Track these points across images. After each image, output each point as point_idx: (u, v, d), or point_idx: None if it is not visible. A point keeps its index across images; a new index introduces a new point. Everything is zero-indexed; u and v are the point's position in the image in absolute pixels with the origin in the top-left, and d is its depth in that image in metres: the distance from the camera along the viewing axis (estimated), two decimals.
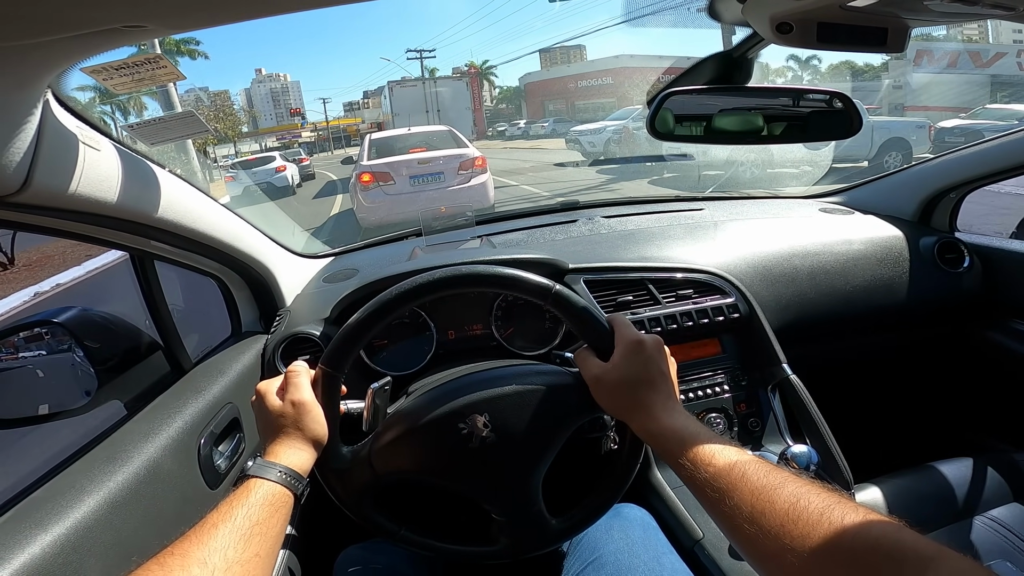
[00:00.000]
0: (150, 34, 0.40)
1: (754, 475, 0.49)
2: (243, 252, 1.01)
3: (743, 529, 0.46)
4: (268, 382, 0.66)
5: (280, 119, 78.84)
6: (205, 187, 0.90)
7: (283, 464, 0.57)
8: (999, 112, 11.10)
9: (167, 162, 0.78)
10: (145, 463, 0.71)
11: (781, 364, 1.04)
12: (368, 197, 6.31)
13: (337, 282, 1.26)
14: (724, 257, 1.21)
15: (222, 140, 33.12)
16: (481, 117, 40.21)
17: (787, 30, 0.56)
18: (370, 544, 0.84)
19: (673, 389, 0.63)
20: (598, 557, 0.75)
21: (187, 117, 0.73)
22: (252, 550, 0.48)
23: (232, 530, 0.48)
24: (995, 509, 0.93)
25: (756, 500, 0.46)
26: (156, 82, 0.58)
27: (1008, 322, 1.30)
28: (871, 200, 1.52)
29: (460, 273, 0.65)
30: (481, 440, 0.64)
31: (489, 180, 6.58)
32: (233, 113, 36.85)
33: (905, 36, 0.56)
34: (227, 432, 0.90)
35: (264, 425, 0.63)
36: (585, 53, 61.25)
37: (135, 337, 0.98)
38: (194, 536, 0.47)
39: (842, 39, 0.55)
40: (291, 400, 0.62)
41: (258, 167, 13.74)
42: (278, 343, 1.05)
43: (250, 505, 0.52)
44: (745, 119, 0.79)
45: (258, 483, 0.55)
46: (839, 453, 0.93)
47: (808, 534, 0.42)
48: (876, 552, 0.39)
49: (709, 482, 0.51)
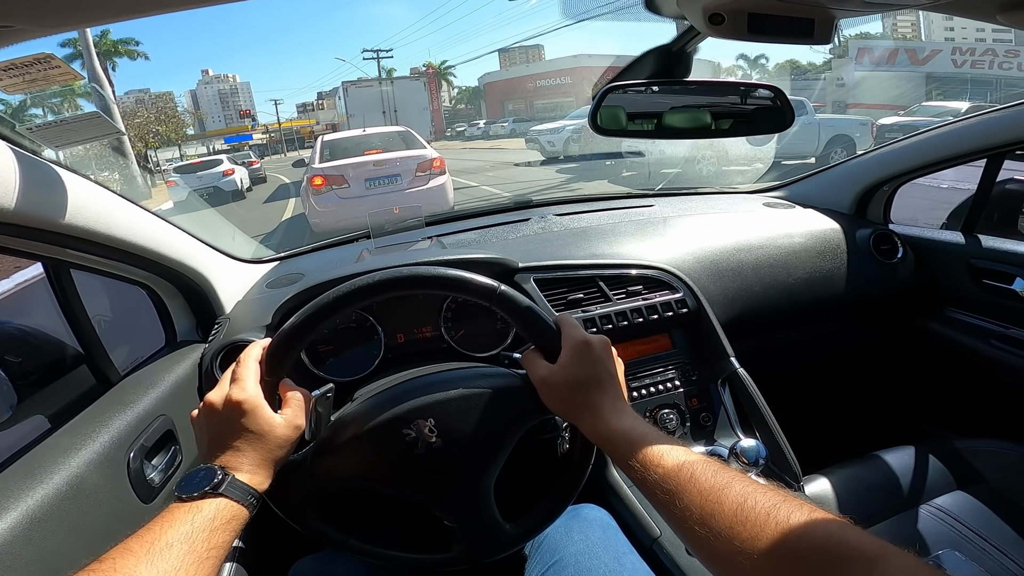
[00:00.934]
0: (18, 34, 0.39)
1: (702, 475, 0.48)
2: (171, 258, 0.96)
3: (695, 531, 0.46)
4: (215, 391, 0.60)
5: (229, 121, 76.16)
6: (146, 192, 0.85)
7: (244, 481, 0.53)
8: (935, 109, 11.83)
9: (105, 167, 0.72)
10: (67, 478, 0.68)
11: (729, 358, 1.05)
12: (320, 201, 6.03)
13: (281, 287, 1.21)
14: (672, 253, 1.22)
15: (165, 143, 31.78)
16: (440, 117, 40.03)
17: (719, 21, 0.56)
18: (324, 555, 0.81)
19: (621, 390, 0.63)
20: (559, 559, 0.73)
21: (93, 118, 0.68)
22: (204, 571, 0.45)
23: (189, 551, 0.45)
24: (939, 498, 0.96)
25: (705, 501, 0.46)
26: (51, 83, 0.54)
27: (944, 310, 1.36)
28: (811, 194, 1.58)
29: (402, 275, 0.63)
30: (427, 446, 0.62)
31: (448, 182, 6.40)
32: (177, 115, 35.22)
33: (831, 27, 0.57)
34: (161, 445, 0.86)
35: (213, 434, 0.57)
36: (543, 53, 61.67)
37: (58, 350, 0.93)
38: (141, 552, 0.44)
39: (771, 30, 0.55)
40: (237, 399, 0.56)
41: (204, 171, 13.08)
42: (216, 352, 1.00)
43: (212, 527, 0.48)
44: (690, 115, 0.80)
45: (222, 501, 0.50)
46: (787, 446, 0.95)
47: (756, 535, 0.42)
48: (822, 552, 0.39)
49: (659, 483, 0.50)
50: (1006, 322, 1.23)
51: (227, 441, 0.55)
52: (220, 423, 0.56)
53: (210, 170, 13.12)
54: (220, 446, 0.55)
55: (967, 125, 1.23)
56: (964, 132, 1.24)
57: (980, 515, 0.92)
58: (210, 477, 0.51)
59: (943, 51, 19.40)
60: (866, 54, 20.81)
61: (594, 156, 11.25)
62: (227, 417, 0.56)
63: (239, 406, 0.56)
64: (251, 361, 0.60)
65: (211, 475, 0.51)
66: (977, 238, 1.28)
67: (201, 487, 0.50)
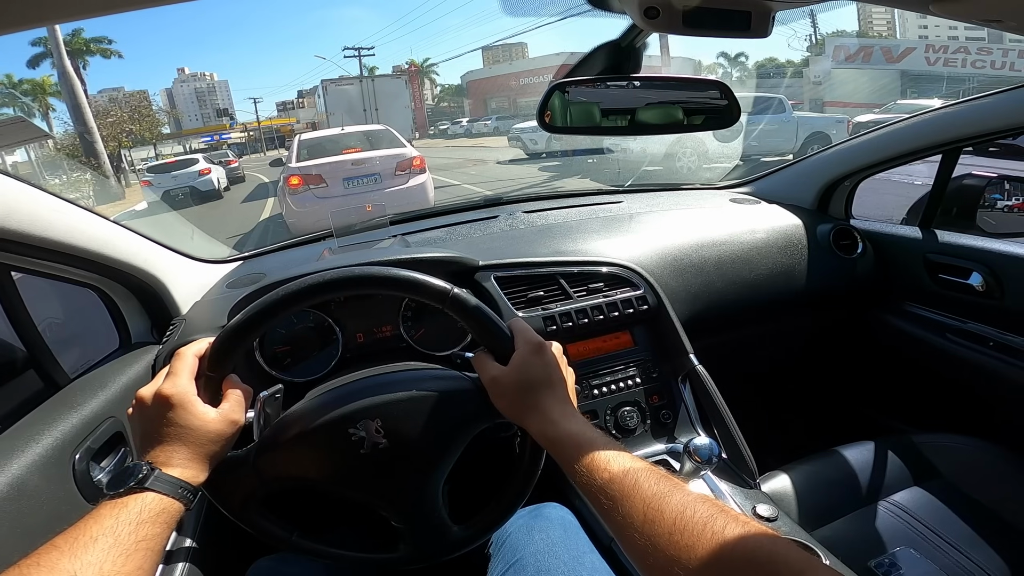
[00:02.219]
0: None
1: (646, 483, 0.49)
2: (116, 259, 0.94)
3: (634, 539, 0.46)
4: (148, 386, 0.60)
5: (207, 120, 74.81)
6: (119, 192, 0.83)
7: (175, 475, 0.53)
8: (909, 107, 12.07)
9: (74, 168, 0.71)
10: (9, 480, 0.67)
11: (688, 355, 1.05)
12: (298, 201, 5.90)
13: (241, 287, 1.19)
14: (636, 250, 1.22)
15: (139, 143, 31.14)
16: (422, 115, 39.84)
17: (655, 15, 0.56)
18: (282, 556, 0.80)
19: (570, 395, 0.63)
20: (519, 559, 0.73)
21: (17, 123, 0.66)
22: (134, 563, 0.46)
23: (114, 544, 0.45)
24: (897, 493, 0.97)
25: (648, 508, 0.47)
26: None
27: (901, 304, 1.38)
28: (776, 190, 1.59)
29: (353, 274, 0.62)
30: (373, 446, 0.62)
31: (428, 180, 6.32)
32: (151, 114, 34.42)
33: (768, 20, 0.56)
34: (110, 447, 0.85)
35: (145, 430, 0.57)
36: (527, 51, 61.63)
37: (5, 353, 0.90)
38: (66, 547, 0.44)
39: (707, 23, 0.55)
40: (167, 394, 0.56)
41: (178, 170, 12.71)
42: (170, 353, 0.97)
43: (139, 520, 0.48)
44: (644, 111, 0.79)
45: (148, 496, 0.50)
46: (743, 443, 0.95)
47: (692, 544, 0.42)
48: (752, 564, 0.40)
49: (603, 489, 0.50)
50: (963, 316, 1.25)
51: (158, 436, 0.55)
52: (150, 418, 0.56)
53: (185, 169, 12.82)
54: (151, 441, 0.55)
55: (923, 120, 1.25)
56: (921, 128, 1.26)
57: (936, 512, 0.93)
58: (136, 472, 0.51)
59: (917, 49, 19.71)
60: (842, 51, 21.14)
61: (576, 152, 11.33)
62: (157, 412, 0.56)
63: (167, 400, 0.55)
64: (188, 356, 0.60)
65: (137, 471, 0.51)
66: (934, 233, 1.30)
67: (127, 483, 0.50)
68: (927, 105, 1.35)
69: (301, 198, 5.89)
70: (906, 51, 19.73)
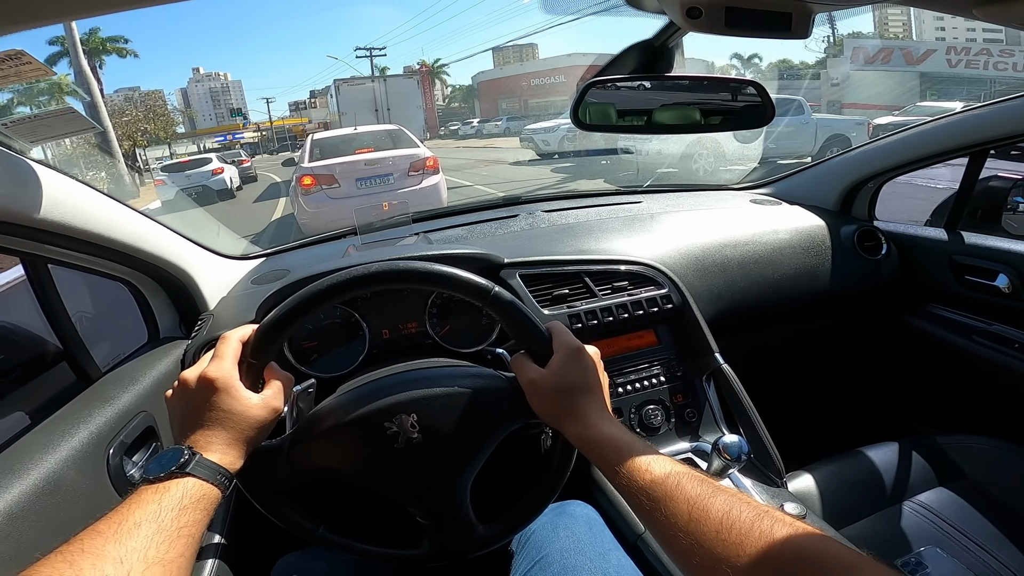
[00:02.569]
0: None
1: (688, 485, 0.49)
2: (151, 254, 0.96)
3: (679, 539, 0.46)
4: (191, 368, 0.60)
5: (220, 119, 75.43)
6: (134, 191, 0.85)
7: (214, 460, 0.53)
8: (929, 109, 11.89)
9: (92, 166, 0.72)
10: (45, 474, 0.68)
11: (714, 353, 1.06)
12: (310, 202, 5.79)
13: (266, 283, 1.20)
14: (659, 249, 1.22)
15: (154, 142, 31.42)
16: (433, 116, 39.89)
17: (697, 15, 0.56)
18: (308, 551, 0.80)
19: (606, 400, 0.64)
20: (544, 556, 0.74)
21: (68, 114, 0.68)
22: (177, 550, 0.45)
23: (158, 530, 0.45)
24: (922, 494, 0.96)
25: (692, 509, 0.47)
26: (23, 79, 0.54)
27: (926, 306, 1.37)
28: (797, 191, 1.58)
29: (397, 268, 0.63)
30: (408, 441, 0.62)
31: (442, 181, 6.19)
32: (166, 113, 34.82)
33: (809, 21, 0.57)
34: (141, 442, 0.86)
35: (186, 413, 0.56)
36: (537, 51, 61.61)
37: (38, 346, 0.93)
38: (109, 532, 0.43)
39: (749, 24, 0.55)
40: (212, 377, 0.55)
41: (192, 169, 12.77)
42: (198, 348, 1.00)
43: (181, 506, 0.47)
44: (675, 110, 0.80)
45: (189, 481, 0.50)
46: (770, 442, 0.95)
47: (740, 543, 0.42)
48: (802, 561, 0.40)
49: (645, 490, 0.51)
50: (988, 318, 1.24)
51: (198, 420, 0.54)
52: (192, 401, 0.56)
53: (198, 169, 12.86)
54: (191, 425, 0.55)
55: (950, 122, 1.24)
56: (947, 129, 1.25)
57: (962, 512, 0.93)
58: (176, 457, 0.51)
59: (938, 51, 19.36)
60: (861, 53, 20.79)
61: (589, 153, 11.14)
62: (200, 395, 0.55)
63: (212, 383, 0.55)
64: (233, 340, 0.60)
65: (178, 455, 0.51)
66: (960, 234, 1.29)
67: (167, 467, 0.50)
68: (948, 107, 1.33)
69: (314, 198, 5.80)
70: (927, 53, 19.39)
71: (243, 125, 48.85)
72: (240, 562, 0.97)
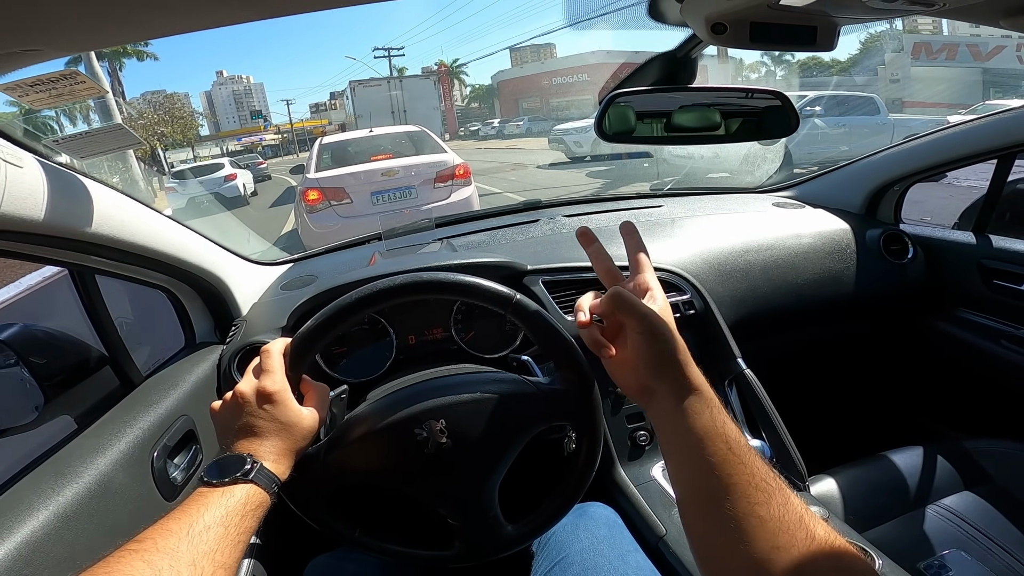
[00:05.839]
0: (45, 56, 0.42)
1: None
2: (190, 263, 0.99)
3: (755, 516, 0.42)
4: (244, 382, 0.60)
5: (243, 122, 76.70)
6: (149, 197, 0.88)
7: (270, 468, 0.54)
8: (1000, 108, 11.20)
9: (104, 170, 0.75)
10: (95, 477, 0.70)
11: (736, 359, 1.06)
12: (316, 221, 4.76)
13: (295, 289, 1.24)
14: (681, 254, 1.23)
15: (174, 145, 31.57)
16: (452, 117, 39.87)
17: (722, 30, 0.57)
18: (339, 552, 0.83)
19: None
20: (564, 557, 0.75)
21: (116, 130, 0.71)
22: (236, 555, 0.47)
23: (224, 535, 0.46)
24: (947, 498, 0.96)
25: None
26: (76, 97, 0.56)
27: (954, 311, 1.35)
28: (820, 194, 1.57)
29: (422, 280, 0.65)
30: (437, 446, 0.64)
31: (474, 194, 5.12)
32: (185, 116, 34.49)
33: (834, 34, 0.57)
34: (182, 445, 0.89)
35: (242, 424, 0.57)
36: (555, 51, 61.18)
37: (82, 352, 0.95)
38: (182, 533, 0.45)
39: (774, 38, 0.56)
40: (270, 390, 0.57)
41: (203, 176, 11.88)
42: (234, 353, 1.03)
43: (243, 513, 0.49)
44: (698, 115, 0.80)
45: (252, 488, 0.52)
46: (793, 446, 0.95)
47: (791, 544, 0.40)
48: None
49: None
50: (1016, 323, 1.22)
51: (255, 430, 0.56)
52: (251, 413, 0.57)
53: (210, 175, 11.94)
54: (247, 434, 0.56)
55: (979, 125, 1.23)
56: (976, 132, 1.24)
57: (987, 516, 0.92)
58: (241, 463, 0.52)
59: (1007, 47, 18.03)
60: (923, 49, 19.60)
61: (629, 156, 10.26)
62: (258, 407, 0.57)
63: (271, 397, 0.57)
64: (277, 355, 0.62)
65: (242, 462, 0.53)
66: (988, 238, 1.27)
67: (232, 473, 0.51)
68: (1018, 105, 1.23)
69: (321, 216, 4.78)
70: (995, 49, 17.94)
71: (264, 127, 49.56)
72: (273, 563, 1.00)
